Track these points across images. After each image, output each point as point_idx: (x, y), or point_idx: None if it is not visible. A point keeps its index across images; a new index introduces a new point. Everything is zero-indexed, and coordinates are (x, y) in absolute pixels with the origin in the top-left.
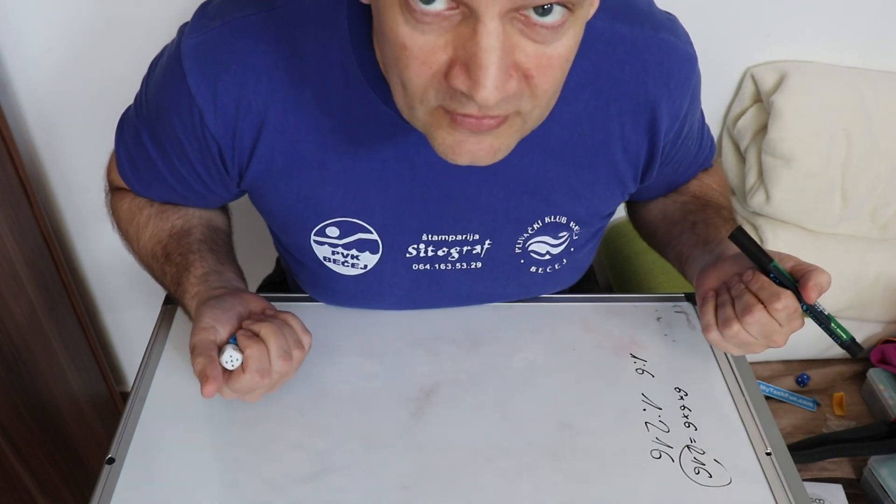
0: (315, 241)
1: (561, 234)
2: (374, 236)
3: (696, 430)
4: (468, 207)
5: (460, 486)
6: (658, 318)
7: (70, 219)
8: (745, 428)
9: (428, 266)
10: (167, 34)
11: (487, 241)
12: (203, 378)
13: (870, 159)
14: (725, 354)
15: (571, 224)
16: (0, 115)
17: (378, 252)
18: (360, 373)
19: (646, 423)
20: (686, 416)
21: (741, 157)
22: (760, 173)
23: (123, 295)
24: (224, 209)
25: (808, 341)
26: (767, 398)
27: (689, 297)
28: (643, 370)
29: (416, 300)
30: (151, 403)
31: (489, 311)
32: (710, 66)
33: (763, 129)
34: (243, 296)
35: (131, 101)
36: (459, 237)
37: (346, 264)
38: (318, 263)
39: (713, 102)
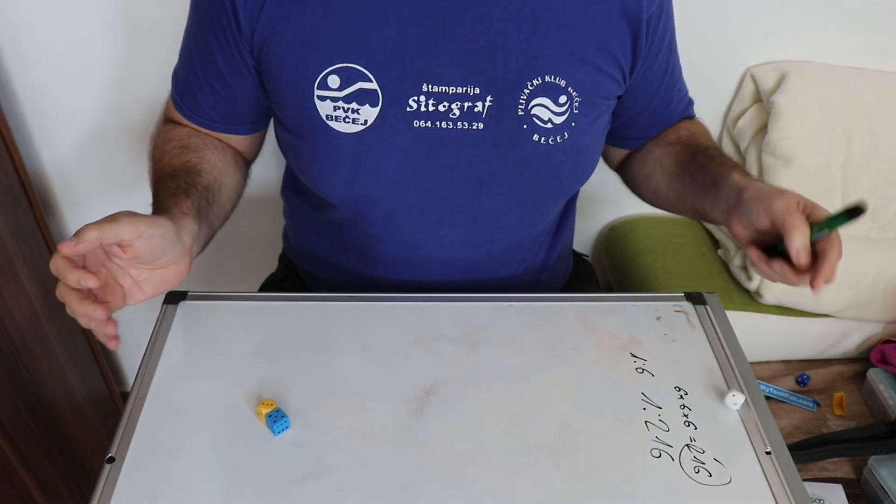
0: (318, 98)
1: (561, 101)
2: (374, 85)
3: (695, 429)
4: (467, 53)
5: (460, 485)
6: (658, 318)
7: (70, 219)
8: (745, 427)
9: (429, 123)
10: (167, 34)
11: (489, 98)
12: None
13: (870, 159)
14: (725, 354)
15: (570, 90)
16: (0, 115)
17: (378, 105)
18: (360, 372)
19: (646, 422)
20: (686, 416)
21: (741, 157)
22: (760, 173)
23: None
24: (241, 172)
25: (809, 341)
26: (767, 398)
27: (689, 297)
28: (643, 369)
29: (417, 167)
30: (151, 403)
31: (489, 310)
32: (710, 66)
33: (763, 129)
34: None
35: (130, 101)
36: (460, 90)
37: (347, 120)
38: (321, 127)
39: (713, 102)
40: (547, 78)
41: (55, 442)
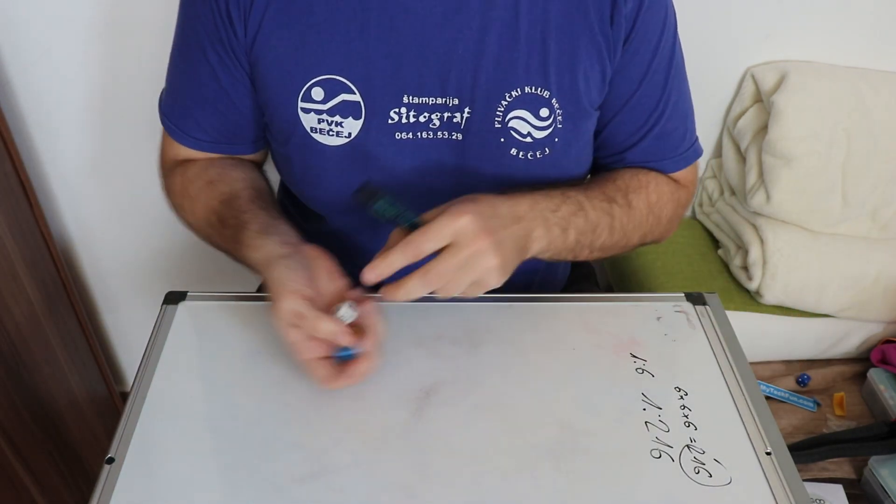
0: (302, 110)
1: (543, 114)
2: (357, 97)
3: (696, 429)
4: (445, 64)
5: (460, 486)
6: (658, 318)
7: (70, 219)
8: (745, 428)
9: (410, 135)
10: (167, 35)
11: (467, 109)
12: (324, 379)
13: (870, 159)
14: (725, 354)
15: (553, 101)
16: (0, 115)
17: (361, 117)
18: None
19: (646, 422)
20: (686, 416)
21: (741, 157)
22: (761, 173)
23: (123, 295)
24: (263, 174)
25: (809, 342)
26: (768, 398)
27: (690, 297)
28: (643, 370)
29: (400, 178)
30: (151, 403)
31: (489, 310)
32: (710, 66)
33: (763, 129)
34: (306, 254)
35: (131, 102)
36: (439, 101)
37: (331, 133)
38: (307, 139)
39: (713, 102)
40: (527, 89)
41: (55, 442)
